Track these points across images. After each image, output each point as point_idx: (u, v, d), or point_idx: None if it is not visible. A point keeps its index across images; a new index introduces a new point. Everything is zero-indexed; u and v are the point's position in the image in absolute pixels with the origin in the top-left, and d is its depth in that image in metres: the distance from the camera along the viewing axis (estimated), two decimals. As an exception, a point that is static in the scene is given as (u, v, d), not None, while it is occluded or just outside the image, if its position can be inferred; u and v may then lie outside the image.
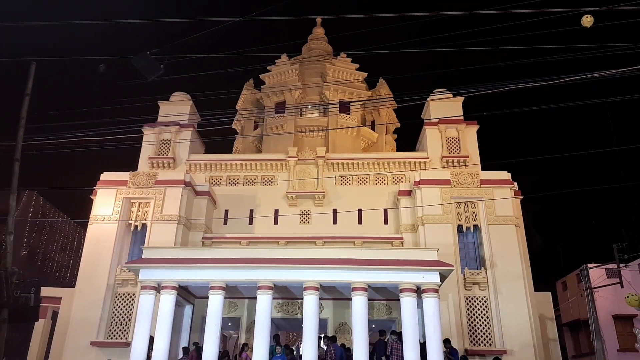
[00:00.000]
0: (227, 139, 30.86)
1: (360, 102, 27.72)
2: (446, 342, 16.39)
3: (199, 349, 17.20)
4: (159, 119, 25.05)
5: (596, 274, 22.95)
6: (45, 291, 20.91)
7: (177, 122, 24.47)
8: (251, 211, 23.32)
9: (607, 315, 23.90)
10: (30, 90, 13.65)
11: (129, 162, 24.60)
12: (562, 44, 11.95)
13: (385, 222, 22.74)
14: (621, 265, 21.02)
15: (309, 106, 28.06)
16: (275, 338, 17.28)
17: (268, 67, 29.38)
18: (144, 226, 21.65)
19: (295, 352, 18.07)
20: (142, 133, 24.50)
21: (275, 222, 23.03)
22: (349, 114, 27.74)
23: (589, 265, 22.38)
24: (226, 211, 23.50)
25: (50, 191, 30.96)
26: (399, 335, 16.06)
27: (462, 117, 24.02)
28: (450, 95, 23.15)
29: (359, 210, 22.85)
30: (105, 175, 22.59)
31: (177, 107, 25.26)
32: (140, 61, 10.81)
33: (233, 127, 31.11)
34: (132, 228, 21.87)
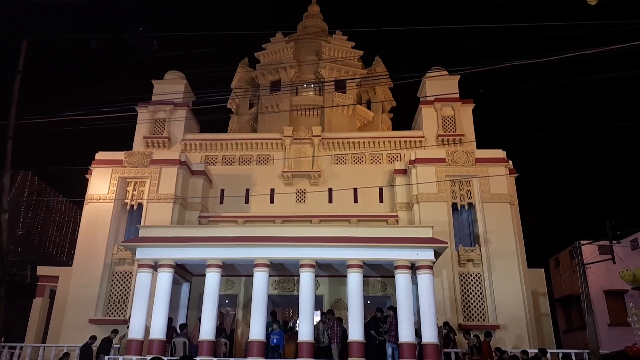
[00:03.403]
0: (222, 118, 30.69)
1: (356, 81, 27.50)
2: (445, 324, 16.85)
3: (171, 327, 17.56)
4: (153, 98, 24.81)
5: (589, 250, 23.16)
6: (43, 270, 21.10)
7: (172, 100, 24.24)
8: (247, 190, 23.35)
9: (599, 291, 24.18)
10: (22, 68, 13.53)
11: (124, 142, 24.48)
12: (563, 21, 11.87)
13: (381, 200, 22.85)
14: (613, 241, 21.22)
15: (304, 85, 27.84)
16: (272, 314, 17.51)
17: (263, 45, 29.04)
18: (140, 205, 21.68)
19: (291, 328, 18.31)
20: (137, 112, 24.35)
21: (272, 201, 23.10)
22: (344, 92, 27.52)
23: (582, 242, 22.59)
24: (222, 190, 23.54)
25: (45, 171, 30.82)
26: (396, 310, 16.30)
27: (457, 96, 23.92)
28: (446, 73, 23.05)
29: (355, 189, 22.92)
30: (100, 155, 22.52)
31: (172, 86, 24.97)
32: (133, 38, 10.73)
33: (228, 106, 30.89)
34: (128, 207, 21.90)
